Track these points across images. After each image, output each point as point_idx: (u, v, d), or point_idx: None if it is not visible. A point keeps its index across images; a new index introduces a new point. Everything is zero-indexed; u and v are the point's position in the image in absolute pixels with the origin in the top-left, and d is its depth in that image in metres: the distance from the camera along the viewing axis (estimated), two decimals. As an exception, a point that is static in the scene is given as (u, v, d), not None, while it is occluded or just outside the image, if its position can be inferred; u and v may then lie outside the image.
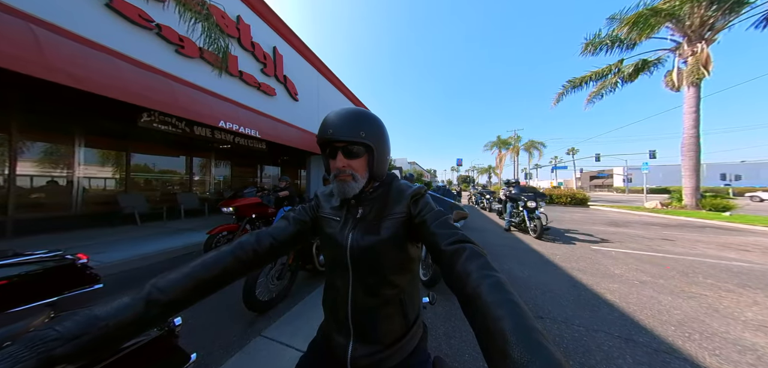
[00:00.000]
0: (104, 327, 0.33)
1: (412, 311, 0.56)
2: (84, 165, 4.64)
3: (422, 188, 0.56)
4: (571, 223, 6.70)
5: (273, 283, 1.98)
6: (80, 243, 3.44)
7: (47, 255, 1.17)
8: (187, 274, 0.42)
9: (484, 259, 0.39)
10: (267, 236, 0.53)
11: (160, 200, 5.73)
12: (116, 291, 0.40)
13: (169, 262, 3.18)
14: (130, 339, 0.60)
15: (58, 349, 0.30)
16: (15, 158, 3.83)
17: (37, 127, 4.06)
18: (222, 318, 1.74)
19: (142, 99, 2.96)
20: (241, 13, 5.06)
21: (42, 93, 3.30)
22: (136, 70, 3.12)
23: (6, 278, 1.04)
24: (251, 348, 1.44)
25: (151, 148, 5.76)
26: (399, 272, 0.53)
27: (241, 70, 5.02)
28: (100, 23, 3.05)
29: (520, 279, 2.62)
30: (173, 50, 3.84)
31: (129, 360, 0.82)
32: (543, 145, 25.08)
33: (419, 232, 0.51)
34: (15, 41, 2.11)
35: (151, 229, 4.54)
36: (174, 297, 0.40)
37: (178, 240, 3.75)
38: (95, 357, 0.32)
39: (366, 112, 0.53)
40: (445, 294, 2.08)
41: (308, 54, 7.37)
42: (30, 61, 2.13)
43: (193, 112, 3.58)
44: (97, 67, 2.65)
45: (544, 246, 4.04)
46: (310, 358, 0.58)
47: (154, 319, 0.38)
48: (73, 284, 1.21)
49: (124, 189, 5.22)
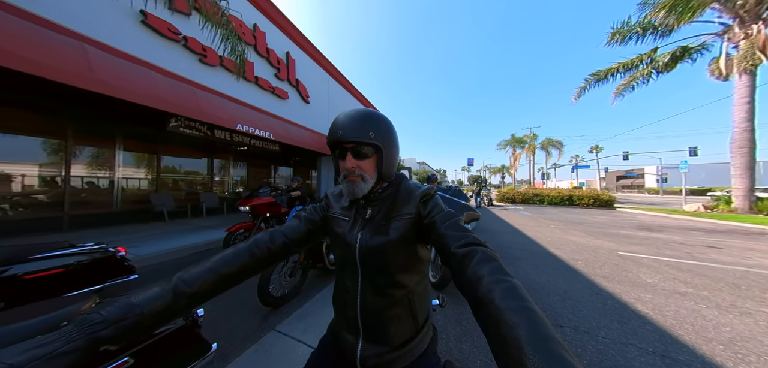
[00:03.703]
0: (139, 314, 0.37)
1: (421, 313, 0.55)
2: (122, 167, 5.16)
3: (432, 189, 0.55)
4: (586, 227, 6.19)
5: (285, 280, 2.06)
6: (119, 237, 3.82)
7: (94, 248, 1.32)
8: (209, 269, 0.45)
9: (497, 263, 0.37)
10: (280, 234, 0.56)
11: (185, 199, 6.19)
12: (149, 282, 0.44)
13: (194, 257, 3.41)
14: (161, 326, 0.66)
15: (103, 332, 0.34)
16: (70, 162, 4.37)
17: (86, 134, 4.59)
18: (239, 312, 1.83)
19: (171, 106, 3.24)
20: (258, 21, 5.32)
21: (90, 102, 3.72)
22: (165, 80, 3.41)
23: (63, 266, 1.19)
24: (266, 342, 1.50)
25: (178, 151, 6.27)
26: (407, 273, 0.53)
27: (256, 76, 5.28)
28: (136, 38, 3.37)
29: (537, 285, 2.48)
30: (197, 60, 4.14)
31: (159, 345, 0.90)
32: (561, 143, 23.47)
33: (428, 233, 0.50)
34: (71, 60, 2.40)
35: (177, 226, 4.92)
36: (198, 289, 0.43)
37: (201, 237, 4.02)
38: (132, 341, 0.36)
39: (375, 113, 0.54)
40: (456, 296, 2.03)
41: (319, 57, 7.58)
42: (82, 76, 2.42)
43: (214, 117, 3.84)
44: (133, 78, 2.93)
45: (561, 250, 3.79)
46: (321, 355, 0.59)
47: (180, 309, 0.41)
48: (114, 274, 1.34)
49: (155, 189, 5.72)
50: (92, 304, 0.79)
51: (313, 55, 7.31)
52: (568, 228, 5.94)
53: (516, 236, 5.01)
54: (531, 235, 5.08)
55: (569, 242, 4.46)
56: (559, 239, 4.70)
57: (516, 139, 24.07)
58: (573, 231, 5.56)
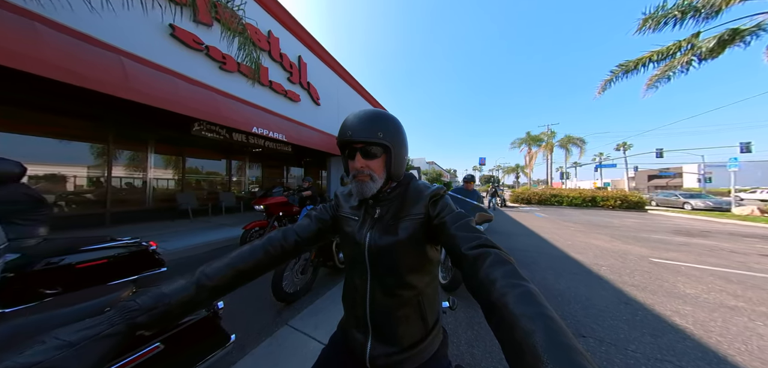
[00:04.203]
0: (168, 304, 0.40)
1: (431, 315, 0.55)
2: (154, 168, 5.65)
3: (441, 189, 0.54)
4: (612, 230, 5.70)
5: (297, 277, 2.13)
6: (150, 232, 4.19)
7: (130, 242, 1.46)
8: (228, 264, 0.48)
9: (511, 266, 0.36)
10: (292, 233, 0.57)
11: (206, 198, 6.64)
12: (175, 274, 0.48)
13: (215, 252, 3.65)
14: (186, 316, 0.72)
15: (139, 318, 0.37)
16: (111, 164, 4.88)
17: (124, 138, 5.09)
18: (255, 306, 1.93)
19: (194, 111, 3.47)
20: (272, 27, 5.55)
21: (126, 109, 4.11)
22: (189, 87, 3.68)
23: (106, 258, 1.34)
24: (279, 336, 1.57)
25: (200, 153, 6.74)
26: (417, 273, 0.52)
27: (270, 80, 5.51)
28: (165, 50, 3.67)
29: (555, 291, 2.33)
30: (217, 67, 4.41)
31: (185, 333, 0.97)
32: (583, 141, 21.58)
33: (438, 234, 0.49)
34: (111, 72, 2.67)
35: (200, 223, 5.29)
36: (218, 282, 0.46)
37: (221, 234, 4.29)
38: (162, 328, 0.39)
39: (383, 113, 0.54)
40: (467, 299, 1.97)
41: (329, 60, 7.73)
42: (120, 87, 2.68)
43: (232, 120, 4.07)
44: (162, 86, 3.19)
45: (583, 254, 3.54)
46: (331, 352, 0.60)
47: (202, 301, 0.44)
48: (147, 266, 1.48)
49: (180, 189, 6.19)
50: (129, 293, 0.87)
51: (324, 57, 7.47)
52: (591, 232, 5.55)
53: (532, 239, 4.75)
54: (548, 238, 4.80)
55: (592, 246, 4.15)
56: (580, 243, 4.39)
57: (531, 137, 22.66)
58: (596, 235, 5.18)
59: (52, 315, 0.70)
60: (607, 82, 9.33)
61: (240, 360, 1.33)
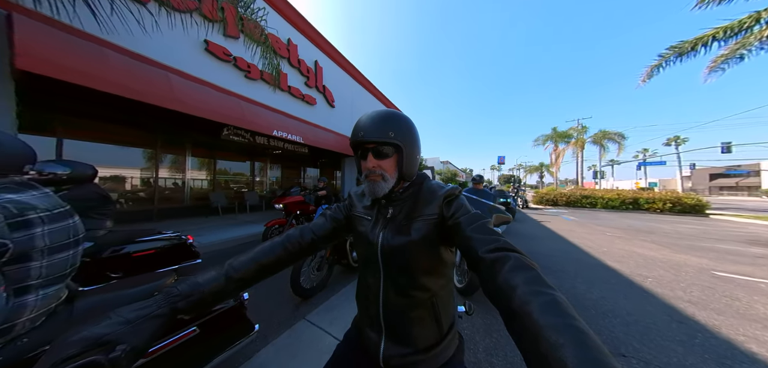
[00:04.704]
0: (202, 292, 0.45)
1: (445, 318, 0.54)
2: (191, 169, 6.36)
3: (456, 189, 0.53)
4: (660, 237, 4.92)
5: (314, 273, 2.22)
6: (188, 227, 4.70)
7: (172, 236, 1.66)
8: (252, 258, 0.52)
9: (534, 272, 0.34)
10: (309, 231, 0.60)
11: (233, 197, 7.25)
12: (208, 266, 0.53)
13: (241, 247, 3.96)
14: (217, 304, 0.80)
15: (179, 303, 0.42)
16: (158, 166, 5.60)
17: (167, 144, 5.80)
18: (276, 299, 2.05)
19: (224, 117, 3.82)
20: (291, 35, 5.87)
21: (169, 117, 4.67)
22: (220, 95, 4.05)
23: (154, 248, 1.53)
24: (297, 329, 1.65)
25: (228, 156, 7.39)
26: (431, 275, 0.52)
27: (289, 85, 5.82)
28: (200, 63, 4.09)
29: (587, 302, 2.09)
30: (243, 76, 4.79)
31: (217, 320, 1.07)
32: (622, 135, 18.80)
33: (453, 236, 0.48)
34: (159, 86, 3.07)
35: (228, 220, 5.79)
36: (243, 275, 0.49)
37: (246, 230, 4.66)
38: (198, 313, 0.45)
39: (395, 113, 0.54)
40: (485, 304, 1.88)
41: (343, 63, 7.93)
42: (167, 98, 3.06)
43: (255, 125, 4.39)
44: (197, 96, 3.57)
45: (623, 263, 3.13)
46: (345, 348, 0.61)
47: (230, 291, 0.49)
48: (186, 257, 1.67)
49: (212, 189, 6.88)
50: (172, 280, 0.98)
51: (338, 61, 7.68)
52: (633, 238, 4.88)
53: (558, 243, 4.34)
54: (579, 243, 4.34)
55: (634, 254, 3.66)
56: (619, 250, 3.89)
57: (558, 133, 20.52)
58: (639, 242, 4.55)
59: (117, 296, 0.83)
60: (654, 67, 8.00)
61: (263, 349, 1.43)
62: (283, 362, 1.33)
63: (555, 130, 20.39)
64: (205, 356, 0.99)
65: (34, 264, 0.58)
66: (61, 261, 0.63)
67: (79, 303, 0.72)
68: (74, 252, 0.66)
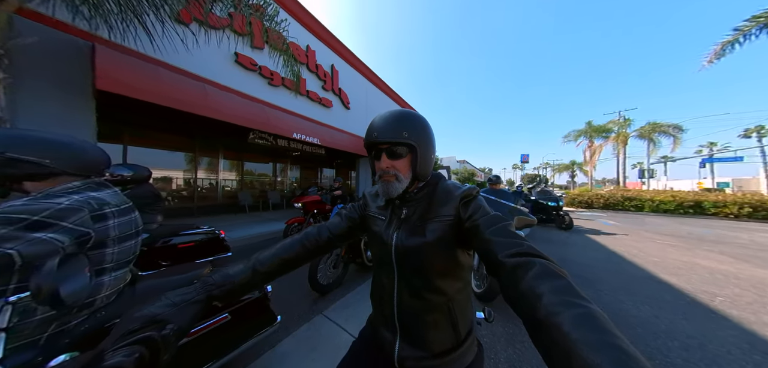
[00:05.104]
0: (232, 283, 0.49)
1: (462, 323, 0.52)
2: (222, 171, 7.04)
3: (474, 189, 0.52)
4: (733, 248, 4.02)
5: (330, 271, 2.30)
6: (219, 223, 5.22)
7: (208, 230, 1.84)
8: (274, 254, 0.55)
9: (564, 281, 0.31)
10: (325, 230, 0.62)
11: (257, 196, 7.85)
12: (237, 259, 0.58)
13: (265, 242, 4.29)
14: (245, 295, 0.87)
15: (214, 291, 0.46)
16: (197, 168, 6.31)
17: (204, 148, 6.50)
18: (296, 294, 2.16)
19: (250, 122, 4.16)
20: (309, 42, 6.17)
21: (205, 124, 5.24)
22: (247, 102, 4.42)
23: (194, 241, 1.72)
24: (315, 323, 1.72)
25: (254, 158, 8.01)
26: (446, 278, 0.51)
27: (308, 90, 6.14)
28: (230, 73, 4.51)
29: (633, 319, 1.82)
30: (266, 83, 5.16)
31: (245, 309, 1.17)
32: (678, 128, 15.13)
33: (470, 238, 0.46)
34: (197, 96, 3.46)
35: (253, 217, 6.28)
36: (267, 269, 0.53)
37: (269, 227, 5.02)
38: (229, 302, 0.48)
39: (409, 113, 0.53)
40: (506, 311, 1.76)
41: (359, 65, 8.10)
42: (203, 107, 3.44)
43: (277, 128, 4.70)
44: (228, 104, 3.94)
45: (680, 277, 2.67)
46: (361, 346, 0.62)
47: (256, 283, 0.52)
48: (218, 250, 1.85)
49: (240, 188, 7.52)
50: (208, 270, 1.10)
51: (354, 63, 7.87)
52: (694, 248, 4.13)
53: (596, 251, 3.84)
54: (622, 252, 3.80)
55: (696, 267, 3.10)
56: (674, 261, 3.33)
57: (594, 127, 18.07)
58: (703, 252, 3.84)
59: (166, 281, 0.95)
60: (726, 44, 6.47)
61: (285, 339, 1.52)
62: (303, 354, 1.40)
63: (590, 124, 17.99)
64: (235, 341, 1.08)
65: (108, 251, 0.69)
66: (127, 248, 0.75)
67: (140, 286, 0.85)
68: (136, 242, 0.78)
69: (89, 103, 2.77)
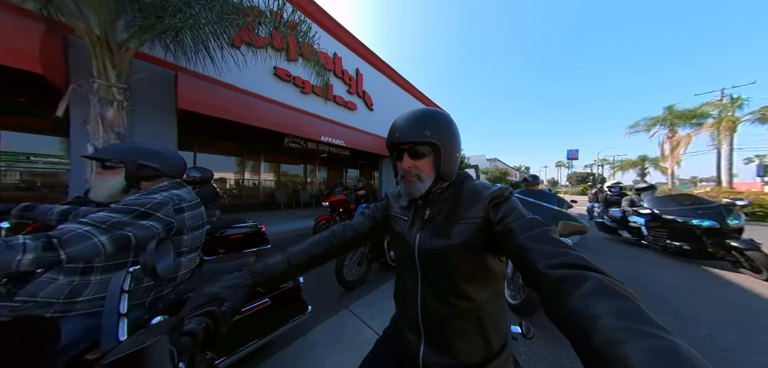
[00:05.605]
0: (272, 272, 0.55)
1: (495, 336, 0.49)
2: (263, 172, 8.05)
3: (506, 190, 0.49)
4: None
5: (355, 268, 2.38)
6: (260, 219, 5.93)
7: (252, 225, 2.13)
8: (305, 249, 0.60)
9: (631, 303, 0.25)
10: (350, 228, 0.65)
11: (291, 195, 8.71)
12: (275, 251, 0.66)
13: (297, 237, 4.72)
14: (281, 284, 0.98)
15: (257, 278, 0.53)
16: (244, 170, 7.36)
17: (249, 152, 7.55)
18: (325, 287, 2.31)
19: (285, 128, 4.66)
20: (336, 49, 6.56)
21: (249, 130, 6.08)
22: (282, 110, 4.96)
23: (242, 233, 2.01)
24: (341, 317, 1.81)
25: (288, 160, 8.91)
26: (474, 284, 0.48)
27: (334, 95, 6.53)
28: (270, 85, 5.12)
29: (755, 363, 1.25)
30: (299, 91, 5.68)
31: (281, 297, 1.30)
32: None
33: (503, 244, 0.43)
34: (245, 107, 4.05)
35: (288, 214, 7.00)
36: (299, 262, 0.58)
37: (300, 224, 5.50)
38: (269, 289, 0.55)
39: (432, 111, 0.52)
40: (551, 331, 1.54)
41: (381, 66, 8.23)
42: (250, 117, 4.01)
43: (308, 132, 5.14)
44: (268, 112, 4.48)
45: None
46: (385, 344, 0.62)
47: (290, 275, 0.58)
48: (260, 242, 2.12)
49: (277, 188, 8.48)
50: (252, 260, 1.27)
51: (377, 65, 8.04)
52: None
53: (682, 269, 2.84)
54: (726, 276, 2.75)
55: None
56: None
57: (677, 113, 13.13)
58: None
59: (223, 266, 1.14)
60: None
61: (315, 328, 1.64)
62: (331, 345, 1.49)
63: (670, 110, 13.54)
64: (273, 324, 1.22)
65: (185, 237, 0.87)
66: (197, 236, 0.92)
67: (205, 268, 1.04)
68: (202, 232, 0.95)
69: (173, 119, 3.61)
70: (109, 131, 2.27)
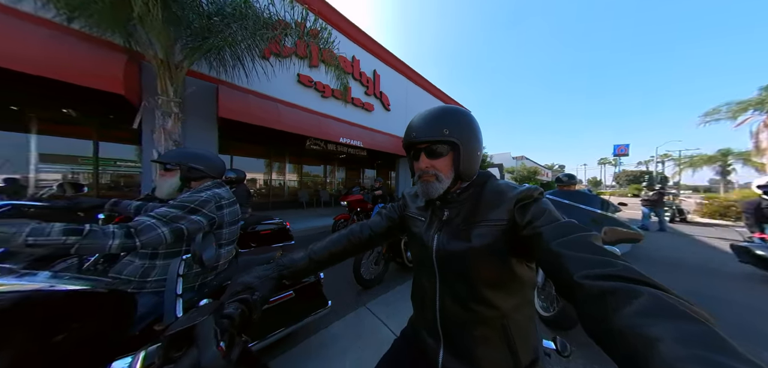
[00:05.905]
0: (296, 267, 0.58)
1: (523, 348, 0.46)
2: (288, 173, 8.68)
3: (535, 190, 0.45)
4: None
5: (372, 266, 2.41)
6: (285, 216, 6.44)
7: (279, 222, 2.30)
8: (324, 246, 0.62)
9: (702, 327, 0.20)
10: (367, 227, 0.66)
11: (312, 194, 9.22)
12: (298, 247, 0.68)
13: (318, 235, 4.97)
14: (303, 278, 1.04)
15: (284, 272, 0.56)
16: (271, 171, 8.03)
17: (275, 154, 8.22)
18: (344, 284, 2.38)
19: (307, 131, 4.96)
20: (355, 52, 6.75)
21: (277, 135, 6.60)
22: (305, 114, 5.27)
23: (269, 229, 2.19)
24: (359, 314, 1.85)
25: (309, 161, 9.44)
26: (498, 290, 0.45)
27: (353, 97, 6.71)
28: (293, 91, 5.49)
29: None
30: (320, 96, 5.98)
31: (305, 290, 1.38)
32: None
33: (532, 249, 0.40)
34: (272, 113, 4.42)
35: (309, 212, 7.43)
36: (319, 259, 0.60)
37: (321, 222, 5.79)
38: (294, 282, 0.58)
39: (450, 108, 0.50)
40: (593, 350, 1.35)
41: (399, 65, 8.22)
42: (276, 122, 4.37)
43: (327, 134, 5.40)
44: (292, 116, 4.82)
45: None
46: (402, 345, 0.62)
47: (311, 270, 0.60)
48: (285, 239, 2.28)
49: (300, 188, 9.06)
50: (279, 254, 1.37)
51: (394, 65, 8.05)
52: None
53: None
54: None
55: None
56: None
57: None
58: None
59: (254, 258, 1.25)
60: None
61: (336, 322, 1.70)
62: (350, 341, 1.53)
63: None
64: (297, 315, 1.31)
65: (224, 231, 0.98)
66: (233, 231, 1.03)
67: (240, 259, 1.16)
68: (237, 227, 1.07)
69: (214, 126, 4.15)
70: (169, 139, 2.72)
